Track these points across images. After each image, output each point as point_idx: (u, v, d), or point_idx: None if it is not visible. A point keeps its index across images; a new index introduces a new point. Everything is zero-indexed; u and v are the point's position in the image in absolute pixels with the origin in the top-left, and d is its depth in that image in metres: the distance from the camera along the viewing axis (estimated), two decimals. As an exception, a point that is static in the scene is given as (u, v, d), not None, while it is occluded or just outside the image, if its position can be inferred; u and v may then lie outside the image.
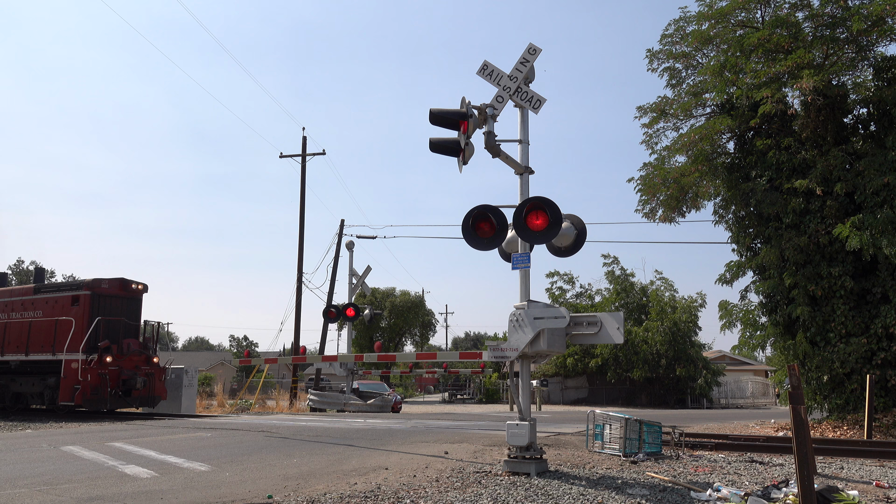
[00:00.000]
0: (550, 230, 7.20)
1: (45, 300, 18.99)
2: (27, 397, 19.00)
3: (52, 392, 17.89)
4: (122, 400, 18.00)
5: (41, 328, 18.46)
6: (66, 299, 18.54)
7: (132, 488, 6.61)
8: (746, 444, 10.47)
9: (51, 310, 18.65)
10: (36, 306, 19.07)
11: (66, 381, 17.25)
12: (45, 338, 18.28)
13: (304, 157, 29.19)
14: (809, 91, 13.76)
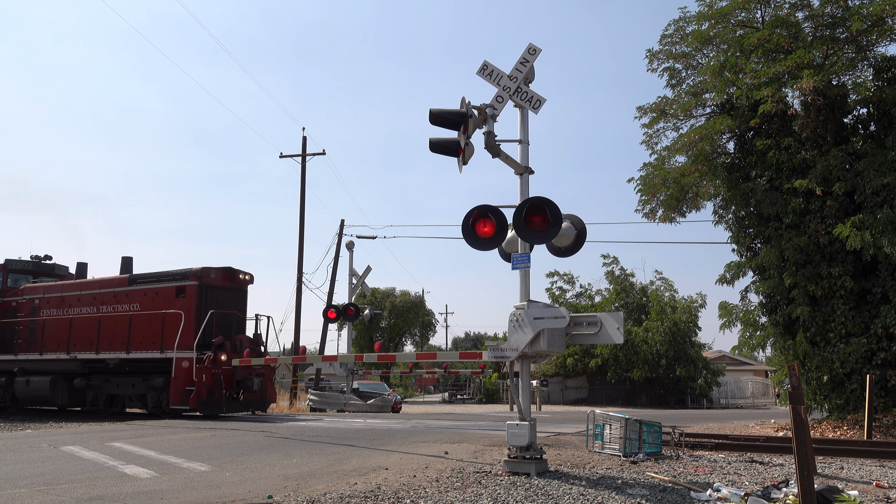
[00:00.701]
0: (550, 230, 7.20)
1: (143, 292, 17.11)
2: (124, 399, 17.23)
3: (157, 394, 16.09)
4: (236, 403, 16.32)
5: (144, 323, 16.57)
6: (168, 291, 16.70)
7: (132, 488, 6.61)
8: (746, 444, 10.47)
9: (150, 302, 16.81)
10: (132, 298, 17.27)
11: (176, 383, 15.45)
12: (148, 333, 16.48)
13: (304, 157, 29.19)
14: (809, 91, 13.76)
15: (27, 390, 17.84)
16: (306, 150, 29.41)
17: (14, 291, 19.60)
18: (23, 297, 19.28)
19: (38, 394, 17.75)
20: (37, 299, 19.00)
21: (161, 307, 16.33)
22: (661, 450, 9.19)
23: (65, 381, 17.57)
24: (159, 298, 16.68)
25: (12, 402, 18.67)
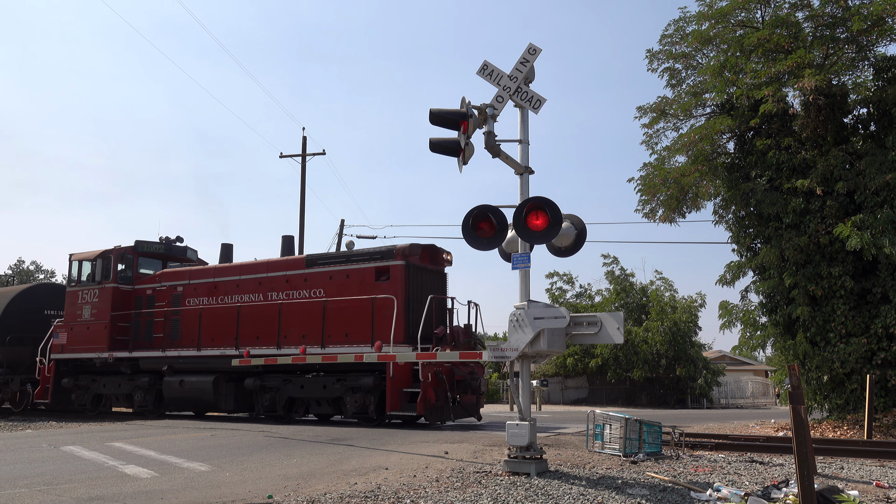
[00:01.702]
0: (550, 230, 7.20)
1: (330, 275, 14.20)
2: (308, 403, 14.12)
3: (363, 397, 13.03)
4: (458, 407, 13.30)
5: (341, 311, 13.66)
6: (366, 273, 13.75)
7: (132, 488, 6.61)
8: (746, 444, 10.46)
9: (342, 287, 13.94)
10: (312, 283, 14.34)
11: (394, 384, 12.70)
12: (344, 324, 13.68)
13: (304, 157, 29.19)
14: (811, 90, 13.76)
15: (179, 392, 15.21)
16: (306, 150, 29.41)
17: (147, 278, 17.10)
18: (160, 283, 16.65)
19: (194, 396, 15.13)
20: (180, 286, 16.33)
21: (357, 292, 13.39)
22: (661, 450, 9.19)
23: (229, 382, 14.97)
24: (352, 282, 13.79)
25: (155, 405, 16.19)
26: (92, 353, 16.85)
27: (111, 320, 16.61)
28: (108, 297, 16.83)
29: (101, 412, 17.53)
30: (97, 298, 17.02)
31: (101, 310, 16.86)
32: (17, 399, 18.99)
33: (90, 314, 17.07)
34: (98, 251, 17.16)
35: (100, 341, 16.71)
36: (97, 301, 17.00)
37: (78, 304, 17.35)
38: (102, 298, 16.92)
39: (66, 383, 17.32)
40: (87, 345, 16.93)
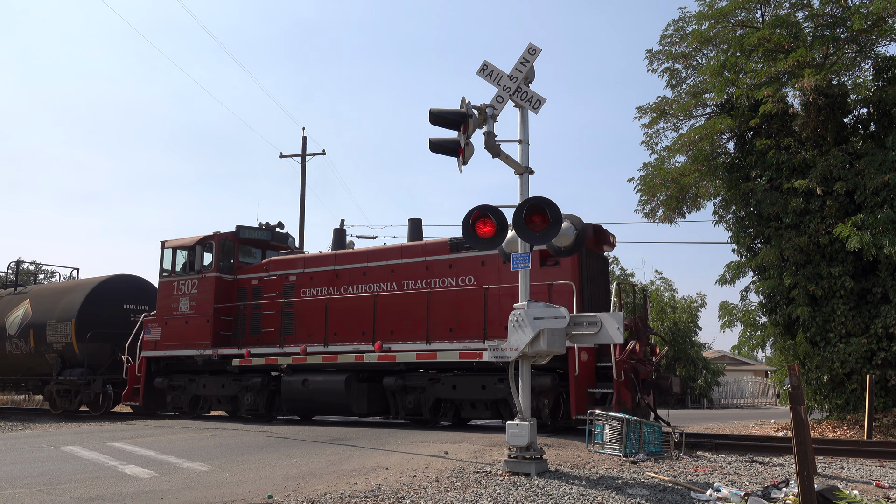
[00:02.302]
0: (550, 230, 7.20)
1: (481, 259, 12.29)
2: (466, 405, 12.23)
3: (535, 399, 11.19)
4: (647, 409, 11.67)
5: (500, 301, 11.83)
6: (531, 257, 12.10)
7: (132, 488, 6.61)
8: (746, 444, 10.46)
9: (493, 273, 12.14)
10: (458, 269, 12.52)
11: (578, 384, 10.88)
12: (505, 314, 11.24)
13: (304, 157, 29.19)
14: (811, 90, 13.77)
15: (301, 393, 13.38)
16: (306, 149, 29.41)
17: (250, 267, 15.55)
18: (268, 273, 14.94)
19: (321, 398, 13.17)
20: (292, 276, 14.64)
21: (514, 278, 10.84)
22: (661, 450, 9.19)
23: (361, 382, 13.12)
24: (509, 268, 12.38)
25: (268, 409, 14.44)
26: (192, 349, 15.07)
27: (214, 314, 14.93)
28: (209, 287, 15.11)
29: (199, 415, 15.54)
30: (197, 289, 15.32)
31: (203, 302, 15.15)
32: (100, 401, 17.71)
33: (188, 307, 15.37)
34: (197, 237, 15.54)
35: (201, 337, 15.03)
36: (197, 292, 15.30)
37: (173, 297, 15.70)
38: (203, 289, 15.20)
39: (160, 384, 15.63)
40: (185, 340, 15.26)
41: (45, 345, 18.27)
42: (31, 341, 18.63)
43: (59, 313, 18.09)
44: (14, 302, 19.84)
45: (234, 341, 14.87)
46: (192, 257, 15.67)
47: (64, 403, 18.03)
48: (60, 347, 17.91)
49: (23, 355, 19.04)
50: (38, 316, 18.65)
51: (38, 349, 18.49)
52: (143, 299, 18.65)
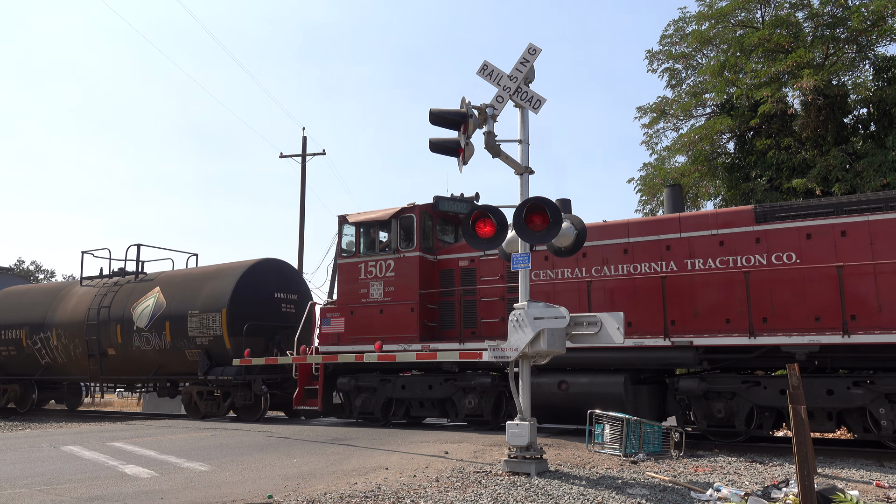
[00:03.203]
0: (550, 230, 7.21)
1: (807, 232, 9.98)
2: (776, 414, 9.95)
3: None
4: None
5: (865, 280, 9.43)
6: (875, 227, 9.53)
7: (132, 488, 6.61)
8: (746, 444, 10.46)
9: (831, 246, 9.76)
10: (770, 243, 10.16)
11: None
12: None
13: (304, 157, 29.20)
14: (810, 91, 13.80)
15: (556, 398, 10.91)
16: (306, 150, 29.41)
17: (455, 247, 13.05)
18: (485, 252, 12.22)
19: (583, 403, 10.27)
20: None
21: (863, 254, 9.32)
22: (661, 449, 9.19)
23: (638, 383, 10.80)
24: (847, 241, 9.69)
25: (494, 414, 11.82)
26: (392, 343, 12.56)
27: (420, 301, 12.45)
28: (413, 269, 12.61)
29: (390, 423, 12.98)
30: (394, 272, 12.78)
31: (404, 287, 12.63)
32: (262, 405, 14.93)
33: (382, 293, 12.83)
34: (392, 210, 13.07)
35: (403, 328, 12.48)
36: (394, 276, 12.75)
37: (359, 281, 13.10)
38: (404, 272, 12.68)
39: (344, 385, 12.93)
40: (379, 333, 12.63)
41: (184, 339, 15.71)
42: (167, 335, 15.98)
43: (203, 302, 15.49)
44: (139, 290, 17.00)
45: (442, 334, 12.48)
46: (384, 234, 13.32)
47: (209, 407, 15.33)
48: (206, 342, 15.29)
49: (154, 352, 16.35)
50: (174, 306, 16.00)
51: (177, 344, 15.87)
52: (292, 287, 16.43)
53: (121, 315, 16.75)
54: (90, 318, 17.17)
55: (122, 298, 17.06)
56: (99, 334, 16.98)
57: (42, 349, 18.26)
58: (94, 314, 17.15)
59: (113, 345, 16.87)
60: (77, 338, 17.45)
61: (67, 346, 17.72)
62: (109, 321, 16.87)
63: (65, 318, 17.85)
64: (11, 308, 19.31)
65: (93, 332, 17.04)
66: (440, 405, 12.35)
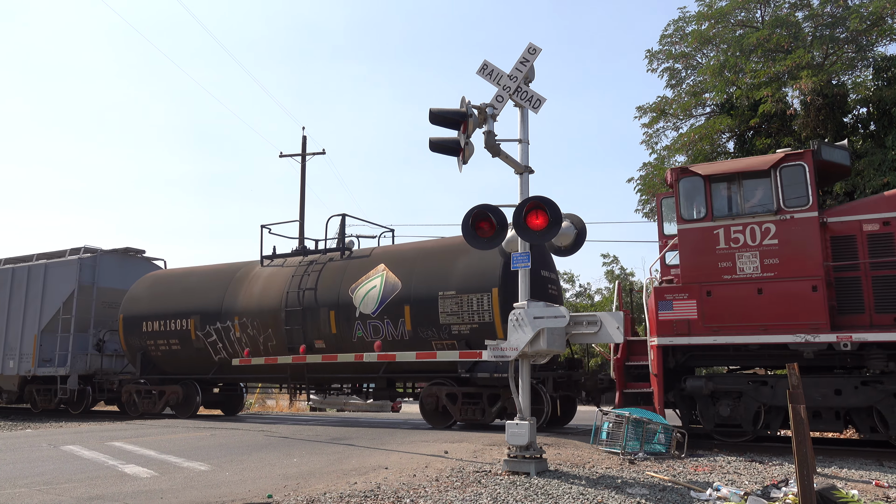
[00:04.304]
0: (550, 230, 7.21)
1: None
2: None
3: None
4: None
5: None
6: None
7: (132, 488, 6.62)
8: (746, 443, 10.46)
9: None
10: None
11: None
12: None
13: (303, 156, 29.20)
14: (808, 91, 13.82)
15: None
16: (306, 149, 29.41)
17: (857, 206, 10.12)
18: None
19: None
20: None
21: None
22: (665, 449, 9.15)
23: None
24: None
25: None
26: (786, 332, 9.52)
27: (825, 276, 9.48)
28: (808, 235, 9.62)
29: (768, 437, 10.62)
30: (776, 239, 9.85)
31: (794, 258, 9.64)
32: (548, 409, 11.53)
33: (759, 267, 9.93)
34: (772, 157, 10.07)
35: (803, 313, 9.44)
36: (777, 244, 9.79)
37: (717, 253, 10.17)
38: (793, 238, 9.71)
39: (698, 388, 9.99)
40: (762, 320, 9.63)
41: (433, 328, 12.63)
42: (407, 323, 12.81)
43: (459, 281, 12.36)
44: (356, 269, 13.68)
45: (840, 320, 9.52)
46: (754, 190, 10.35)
47: (470, 413, 12.20)
48: (466, 331, 12.21)
49: (385, 343, 13.39)
50: (415, 287, 12.75)
51: (420, 334, 12.76)
52: (549, 264, 13.45)
53: (334, 299, 13.40)
54: (289, 303, 13.87)
55: (331, 279, 13.72)
56: (304, 323, 13.69)
57: (217, 342, 14.86)
58: (293, 298, 13.84)
59: (324, 335, 13.52)
60: (271, 328, 14.12)
61: (255, 338, 14.32)
62: (318, 307, 13.57)
63: (250, 305, 14.51)
64: (168, 295, 15.96)
65: (295, 321, 13.78)
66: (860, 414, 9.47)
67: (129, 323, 16.19)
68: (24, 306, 18.27)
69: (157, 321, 15.66)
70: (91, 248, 18.26)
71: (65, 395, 17.22)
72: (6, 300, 18.76)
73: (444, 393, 12.31)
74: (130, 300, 16.53)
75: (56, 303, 17.70)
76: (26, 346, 17.90)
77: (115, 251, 18.84)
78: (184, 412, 15.37)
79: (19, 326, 18.17)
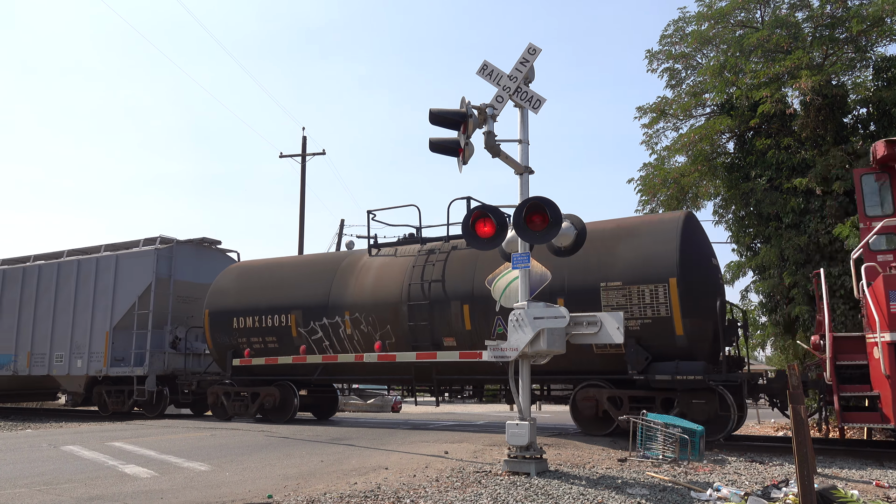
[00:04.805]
0: (550, 230, 7.21)
1: None
2: None
3: None
4: None
5: None
6: None
7: (132, 488, 6.61)
8: (746, 443, 10.47)
9: None
10: None
11: None
12: None
13: (303, 156, 29.20)
14: (808, 91, 13.82)
15: None
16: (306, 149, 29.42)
17: None
18: None
19: None
20: None
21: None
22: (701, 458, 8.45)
23: None
24: None
25: None
26: None
27: None
28: None
29: None
30: None
31: None
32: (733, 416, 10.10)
33: None
34: None
35: None
36: None
37: None
38: None
39: None
40: None
41: None
42: None
43: (625, 270, 10.72)
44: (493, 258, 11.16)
45: None
46: None
47: None
48: (636, 326, 10.60)
49: None
50: (568, 277, 11.08)
51: None
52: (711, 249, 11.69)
53: (468, 291, 11.76)
54: (412, 296, 12.30)
55: (461, 269, 12.10)
56: (431, 318, 12.08)
57: (324, 340, 13.37)
58: (416, 291, 12.28)
59: (455, 332, 11.95)
60: (389, 324, 12.56)
61: (370, 335, 12.78)
62: (447, 300, 11.97)
63: (363, 298, 12.95)
64: (261, 288, 14.43)
65: (420, 316, 12.20)
66: None
67: (217, 319, 14.65)
68: (92, 301, 16.90)
69: (251, 317, 14.18)
70: (167, 238, 16.95)
71: (142, 397, 15.97)
72: (71, 295, 17.36)
73: (605, 396, 10.81)
74: (217, 294, 14.91)
75: (130, 297, 16.40)
76: (96, 343, 16.63)
77: (190, 242, 17.43)
78: (279, 416, 13.91)
79: (87, 323, 16.84)
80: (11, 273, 18.79)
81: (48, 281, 17.94)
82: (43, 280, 18.04)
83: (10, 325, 18.43)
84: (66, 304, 17.40)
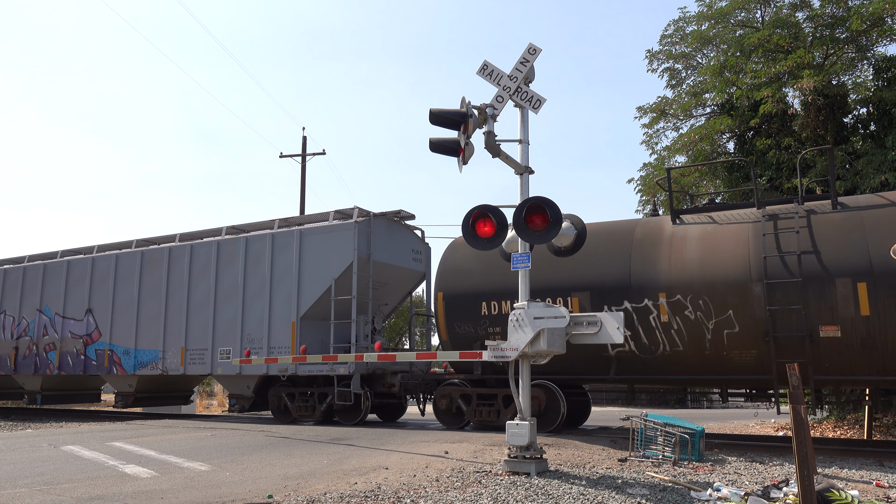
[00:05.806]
0: (550, 230, 7.21)
1: None
2: None
3: None
4: None
5: None
6: None
7: (132, 488, 6.61)
8: (746, 443, 10.47)
9: None
10: None
11: None
12: None
13: (304, 156, 29.20)
14: (809, 91, 13.83)
15: None
16: (306, 149, 29.41)
17: None
18: None
19: None
20: None
21: None
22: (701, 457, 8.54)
23: None
24: None
25: None
26: None
27: None
28: None
29: None
30: None
31: None
32: None
33: None
34: None
35: None
36: None
37: None
38: None
39: None
40: None
41: None
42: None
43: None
44: None
45: None
46: None
47: None
48: None
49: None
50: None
51: None
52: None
53: (865, 265, 9.09)
54: (769, 272, 9.57)
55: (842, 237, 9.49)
56: (805, 301, 9.32)
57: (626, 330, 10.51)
58: (776, 265, 9.59)
59: (840, 318, 9.20)
60: (731, 309, 9.76)
61: (699, 323, 9.97)
62: (828, 277, 9.27)
63: (689, 276, 10.12)
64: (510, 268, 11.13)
65: (785, 298, 9.46)
66: None
67: (456, 304, 11.92)
68: (268, 286, 14.16)
69: (507, 300, 11.36)
70: (364, 211, 13.91)
71: (345, 400, 12.98)
72: (239, 279, 14.55)
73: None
74: (453, 273, 12.16)
75: (324, 280, 13.54)
76: (277, 336, 13.92)
77: (383, 215, 14.30)
78: (544, 426, 10.96)
79: (263, 311, 14.15)
80: (153, 255, 16.08)
81: (204, 264, 15.16)
82: (197, 263, 15.29)
83: (153, 316, 15.66)
84: (231, 290, 14.68)
